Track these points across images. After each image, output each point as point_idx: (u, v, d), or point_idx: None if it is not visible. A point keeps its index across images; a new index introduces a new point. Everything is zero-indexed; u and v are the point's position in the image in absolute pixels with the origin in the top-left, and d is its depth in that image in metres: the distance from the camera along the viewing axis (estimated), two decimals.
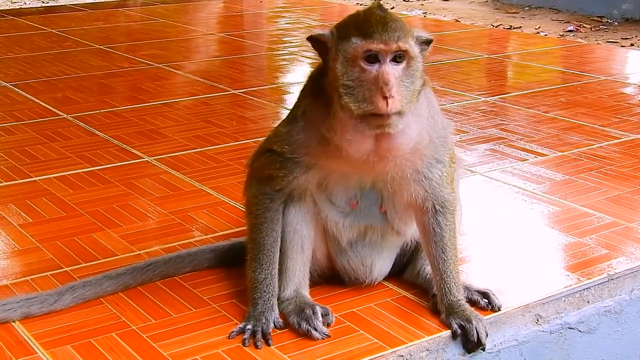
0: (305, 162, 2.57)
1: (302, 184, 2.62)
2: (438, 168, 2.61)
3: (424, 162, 2.58)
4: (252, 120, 5.07)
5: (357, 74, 2.38)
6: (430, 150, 2.58)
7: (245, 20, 9.22)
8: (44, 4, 13.49)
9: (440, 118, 2.64)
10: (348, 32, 2.41)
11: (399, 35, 2.36)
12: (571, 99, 5.53)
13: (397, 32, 2.36)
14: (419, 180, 2.60)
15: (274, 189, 2.65)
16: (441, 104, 5.29)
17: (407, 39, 2.38)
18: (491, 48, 7.61)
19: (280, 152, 2.60)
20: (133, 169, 4.17)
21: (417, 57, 2.42)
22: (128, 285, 2.90)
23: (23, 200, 3.75)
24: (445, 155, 2.63)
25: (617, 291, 2.99)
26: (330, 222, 2.72)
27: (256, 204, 2.70)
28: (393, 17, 2.42)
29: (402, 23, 2.42)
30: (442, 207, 2.65)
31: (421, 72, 2.45)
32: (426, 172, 2.60)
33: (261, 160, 2.69)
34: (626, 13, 11.55)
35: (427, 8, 12.99)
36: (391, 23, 2.38)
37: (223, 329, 2.63)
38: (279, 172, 2.61)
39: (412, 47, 2.40)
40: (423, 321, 2.69)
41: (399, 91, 2.36)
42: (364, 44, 2.36)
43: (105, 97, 5.59)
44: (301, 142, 2.55)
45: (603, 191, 3.83)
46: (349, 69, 2.38)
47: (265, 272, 2.69)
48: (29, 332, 2.63)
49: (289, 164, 2.59)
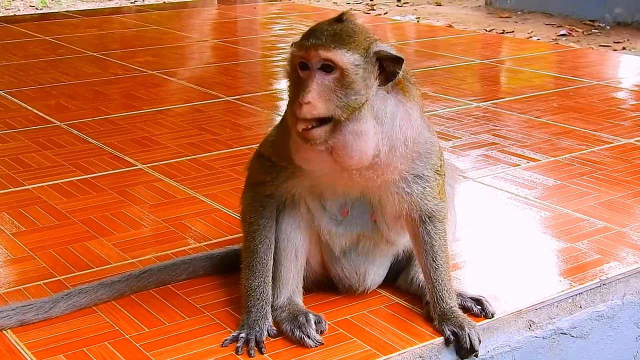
0: (291, 168, 2.59)
1: (290, 189, 2.64)
2: (418, 183, 2.59)
3: (401, 177, 2.56)
4: (246, 127, 5.07)
5: (294, 81, 2.45)
6: (404, 166, 2.54)
7: (239, 27, 9.23)
8: (37, 11, 13.50)
9: (415, 132, 2.54)
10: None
11: (327, 45, 2.36)
12: (563, 103, 5.55)
13: (327, 42, 2.36)
14: (400, 194, 2.59)
15: (265, 194, 2.67)
16: (434, 110, 5.32)
17: (338, 50, 2.35)
18: (484, 53, 7.63)
19: (268, 156, 2.64)
20: (127, 176, 4.17)
21: (351, 69, 2.37)
22: (123, 292, 2.91)
23: (16, 208, 3.75)
24: (425, 171, 2.60)
25: (610, 296, 3.00)
26: (323, 230, 2.73)
27: (250, 211, 2.72)
28: (340, 27, 2.40)
29: (344, 34, 2.38)
30: (429, 218, 2.66)
31: (364, 85, 2.39)
32: (404, 187, 2.58)
33: (254, 165, 2.74)
34: (618, 17, 11.59)
35: (420, 13, 13.02)
36: (328, 33, 2.38)
37: (216, 337, 2.64)
38: (267, 177, 2.64)
39: (342, 58, 2.36)
40: (416, 328, 2.70)
41: (322, 99, 2.35)
42: (295, 51, 2.42)
43: (99, 104, 5.59)
44: (286, 149, 2.57)
45: (595, 196, 3.84)
46: (290, 75, 2.47)
47: (259, 280, 2.70)
48: (22, 342, 2.63)
49: (276, 169, 2.62)
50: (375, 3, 14.32)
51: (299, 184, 2.63)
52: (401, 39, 8.62)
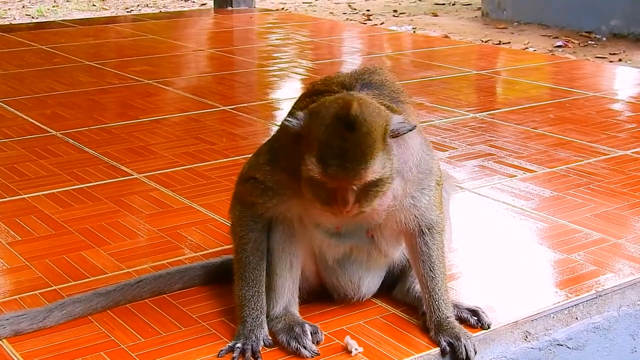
0: (287, 193, 2.58)
1: (283, 212, 2.64)
2: (425, 194, 2.62)
3: (408, 197, 2.58)
4: (242, 136, 5.07)
5: (319, 184, 2.36)
6: (413, 187, 2.57)
7: (236, 37, 9.24)
8: (33, 20, 13.50)
9: (419, 155, 2.56)
10: (313, 143, 2.34)
11: (355, 174, 2.30)
12: (559, 115, 5.56)
13: (354, 170, 2.30)
14: (407, 208, 2.60)
15: (257, 214, 2.67)
16: (430, 120, 5.33)
17: (366, 172, 2.31)
18: (480, 64, 7.65)
19: (261, 180, 2.62)
20: (122, 186, 4.17)
21: (381, 175, 2.35)
22: (118, 302, 2.90)
23: (12, 218, 3.74)
24: (431, 182, 2.63)
25: (606, 308, 3.00)
26: (316, 241, 2.73)
27: (240, 225, 2.71)
28: (356, 142, 2.30)
29: (364, 148, 2.30)
30: (429, 229, 2.67)
31: (390, 169, 2.38)
32: (412, 202, 2.60)
33: (245, 187, 2.71)
34: (614, 29, 11.63)
35: (417, 23, 13.05)
36: (350, 156, 2.29)
37: (212, 348, 2.63)
38: (259, 199, 2.63)
39: (372, 175, 2.33)
40: (412, 339, 2.70)
41: (359, 201, 2.36)
42: (321, 175, 2.33)
43: (95, 113, 5.59)
44: (279, 176, 2.57)
45: (591, 207, 3.84)
46: (312, 177, 2.36)
47: (253, 290, 2.69)
48: (18, 352, 2.62)
49: (269, 192, 2.60)
50: (372, 13, 14.36)
51: (295, 207, 2.62)
52: (397, 50, 8.63)
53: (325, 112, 2.35)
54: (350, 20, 13.41)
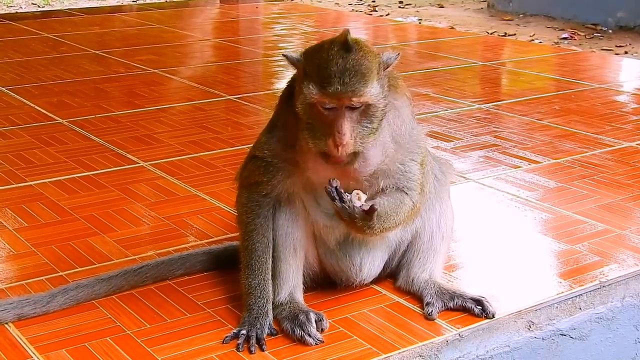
0: (287, 167, 2.63)
1: (287, 188, 2.67)
2: (412, 166, 2.66)
3: (397, 162, 2.63)
4: (247, 126, 5.08)
5: (315, 115, 2.45)
6: (401, 154, 2.64)
7: (241, 26, 9.24)
8: (39, 9, 13.51)
9: (410, 126, 2.67)
10: (310, 71, 2.44)
11: (354, 90, 2.38)
12: (565, 106, 5.56)
13: (354, 86, 2.38)
14: (393, 173, 2.64)
15: (261, 194, 2.69)
16: (435, 111, 5.33)
17: (365, 90, 2.40)
18: (486, 55, 7.64)
19: (262, 157, 2.66)
20: (128, 174, 4.18)
21: (377, 100, 2.44)
22: (121, 287, 2.92)
23: (19, 204, 3.76)
24: (417, 157, 2.67)
25: (609, 298, 3.01)
26: (317, 224, 2.75)
27: (246, 212, 2.73)
28: (354, 62, 2.40)
29: (363, 68, 2.40)
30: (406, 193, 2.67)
31: (383, 103, 2.47)
32: (400, 167, 2.64)
33: (248, 168, 2.75)
34: (621, 21, 11.60)
35: (422, 15, 13.03)
36: (349, 73, 2.38)
37: (217, 334, 2.65)
38: (263, 177, 2.66)
39: (371, 95, 2.41)
40: (416, 327, 2.71)
41: (354, 135, 2.43)
42: (320, 96, 2.40)
43: (101, 102, 5.60)
44: (281, 150, 2.62)
45: (596, 199, 3.85)
46: (308, 109, 2.45)
47: (259, 278, 2.71)
48: (24, 336, 2.64)
49: (271, 168, 2.64)
50: (377, 4, 14.34)
51: (296, 182, 2.67)
52: (403, 41, 8.63)
53: (321, 45, 2.49)
54: (355, 11, 13.38)
